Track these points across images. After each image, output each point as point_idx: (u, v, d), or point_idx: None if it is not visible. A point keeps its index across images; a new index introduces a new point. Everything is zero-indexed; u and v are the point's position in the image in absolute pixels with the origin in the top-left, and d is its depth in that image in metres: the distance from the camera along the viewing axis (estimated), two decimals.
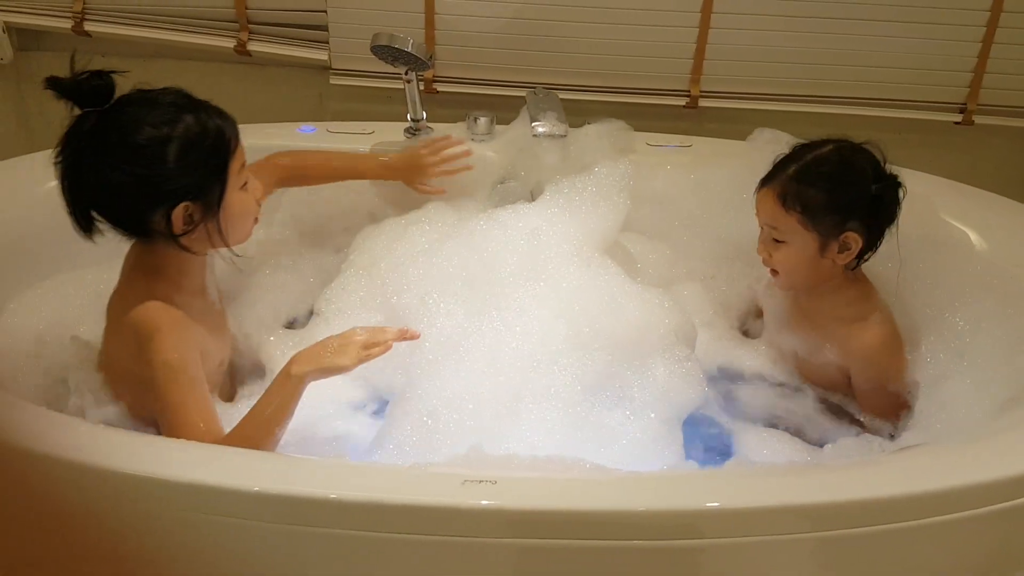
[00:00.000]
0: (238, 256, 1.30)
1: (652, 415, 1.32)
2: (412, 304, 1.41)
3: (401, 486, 1.03)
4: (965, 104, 1.97)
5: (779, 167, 1.42)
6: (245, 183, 1.28)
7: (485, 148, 1.78)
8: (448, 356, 1.34)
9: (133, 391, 1.24)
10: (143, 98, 1.21)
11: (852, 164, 1.39)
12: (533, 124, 1.67)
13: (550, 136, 1.66)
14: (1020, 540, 1.15)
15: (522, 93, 1.78)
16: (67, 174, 1.19)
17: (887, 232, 1.40)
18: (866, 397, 1.43)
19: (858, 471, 1.16)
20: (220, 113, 1.24)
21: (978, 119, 1.98)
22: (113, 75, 1.19)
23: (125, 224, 1.22)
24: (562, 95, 1.76)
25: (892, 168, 1.39)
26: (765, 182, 1.43)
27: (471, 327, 1.37)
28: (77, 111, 1.18)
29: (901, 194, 1.39)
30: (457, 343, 1.35)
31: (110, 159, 1.17)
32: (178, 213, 1.20)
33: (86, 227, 1.21)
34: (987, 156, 2.05)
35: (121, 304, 1.25)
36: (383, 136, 1.78)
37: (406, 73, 1.68)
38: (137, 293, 1.23)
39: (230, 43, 1.99)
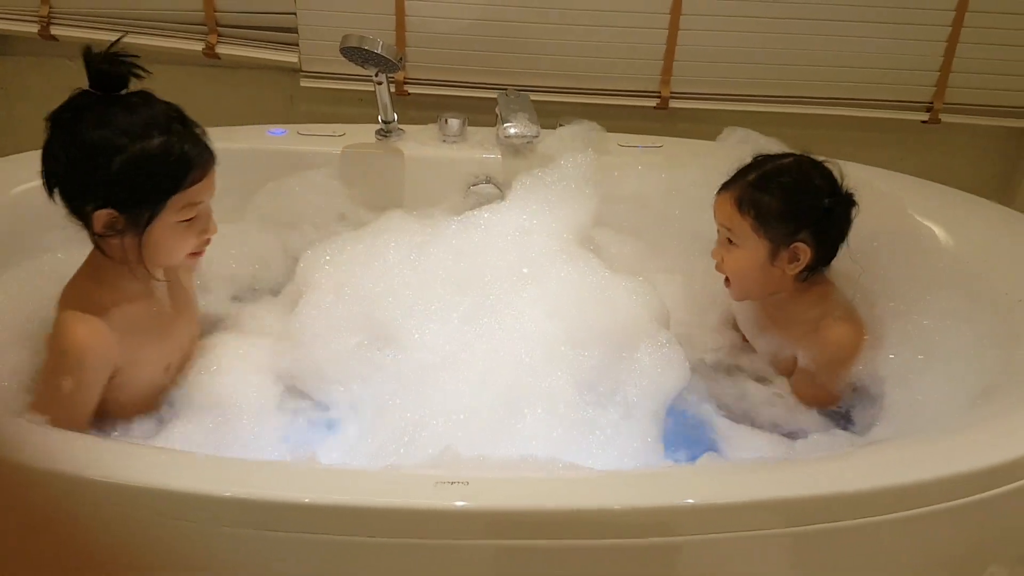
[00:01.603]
0: (158, 280, 1.31)
1: (640, 403, 1.34)
2: (397, 316, 1.41)
3: (373, 488, 1.02)
4: (932, 103, 1.99)
5: (740, 173, 1.46)
6: (192, 219, 1.27)
7: (457, 150, 1.78)
8: (438, 363, 1.34)
9: None
10: (133, 102, 1.22)
11: (808, 176, 1.42)
12: (505, 126, 1.68)
13: (522, 138, 1.67)
14: (993, 533, 1.17)
15: (494, 95, 1.79)
16: (47, 139, 1.22)
17: (840, 248, 1.44)
18: (808, 384, 1.46)
19: (829, 465, 1.15)
20: (197, 145, 1.25)
21: (945, 117, 1.99)
22: (136, 71, 1.21)
23: (65, 203, 1.24)
24: (533, 97, 1.77)
25: (849, 186, 1.42)
26: (725, 186, 1.46)
27: (461, 333, 1.38)
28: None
29: (854, 213, 1.43)
30: (447, 350, 1.35)
31: (71, 141, 1.19)
32: (101, 215, 1.21)
33: (49, 191, 1.23)
34: (954, 154, 2.07)
35: (63, 298, 1.27)
36: (354, 138, 1.78)
37: (376, 75, 1.68)
38: (73, 291, 1.27)
39: (199, 46, 1.97)
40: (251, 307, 1.55)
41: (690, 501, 1.03)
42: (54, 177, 1.22)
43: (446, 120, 1.79)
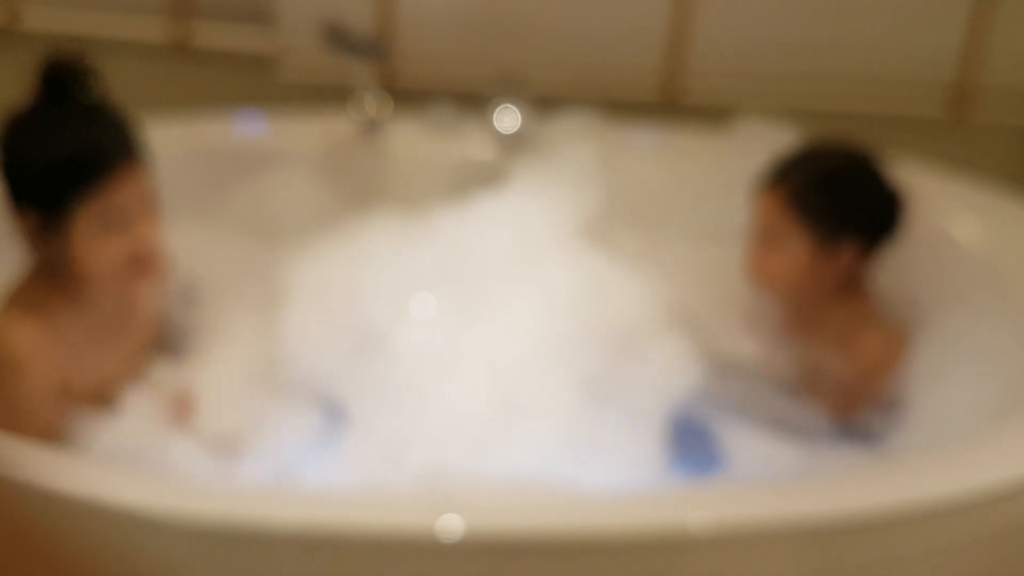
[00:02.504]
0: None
1: (644, 407, 1.28)
2: (388, 317, 1.35)
3: (350, 511, 0.97)
4: (956, 99, 1.90)
5: (787, 168, 1.39)
6: (110, 225, 1.22)
7: (449, 142, 1.72)
8: (431, 366, 1.28)
9: None
10: (72, 104, 1.23)
11: (865, 177, 1.37)
12: (499, 116, 1.64)
13: (517, 128, 1.63)
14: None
15: (487, 85, 1.72)
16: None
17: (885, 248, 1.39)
18: (834, 391, 1.39)
19: (852, 479, 1.11)
20: (107, 142, 1.22)
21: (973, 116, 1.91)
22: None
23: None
24: (531, 87, 1.71)
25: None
26: (770, 180, 1.39)
27: (456, 333, 1.32)
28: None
29: (903, 214, 1.37)
30: (440, 351, 1.30)
31: (4, 144, 1.21)
32: (26, 216, 1.21)
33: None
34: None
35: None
36: (337, 132, 1.72)
37: (361, 65, 1.62)
38: (21, 289, 1.26)
39: (170, 36, 1.92)
40: (230, 313, 1.47)
41: (700, 521, 0.97)
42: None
43: (437, 111, 1.73)
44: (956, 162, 1.68)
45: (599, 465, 1.21)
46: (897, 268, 1.45)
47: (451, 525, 0.93)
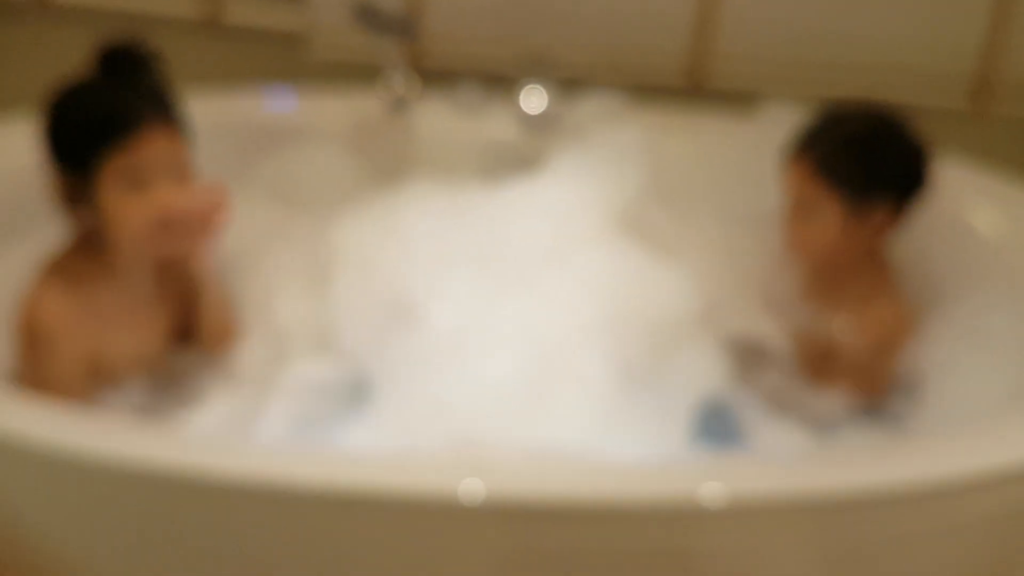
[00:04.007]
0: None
1: (672, 392, 1.30)
2: (425, 293, 1.37)
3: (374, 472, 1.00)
4: (977, 91, 1.89)
5: (811, 136, 1.39)
6: (138, 187, 1.24)
7: (476, 121, 1.73)
8: (468, 341, 1.31)
9: None
10: (107, 73, 1.26)
11: (889, 136, 1.37)
12: (525, 96, 1.64)
13: (543, 109, 1.64)
14: None
15: (514, 65, 1.72)
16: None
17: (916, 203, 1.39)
18: (849, 370, 1.39)
19: (863, 456, 1.16)
20: (137, 101, 1.25)
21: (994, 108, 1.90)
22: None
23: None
24: (558, 68, 1.70)
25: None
26: (796, 152, 1.39)
27: (492, 310, 1.33)
28: None
29: (930, 166, 1.37)
30: (477, 327, 1.32)
31: (48, 114, 1.25)
32: (60, 177, 1.24)
33: None
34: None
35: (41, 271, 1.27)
36: (367, 110, 1.73)
37: (390, 43, 1.63)
38: (55, 261, 1.27)
39: (201, 12, 1.92)
40: (268, 286, 1.49)
41: (714, 493, 0.98)
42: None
43: (465, 91, 1.72)
44: (976, 153, 1.68)
45: (626, 442, 1.22)
46: (916, 255, 1.46)
47: (473, 489, 0.95)
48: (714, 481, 0.99)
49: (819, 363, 1.41)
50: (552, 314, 1.33)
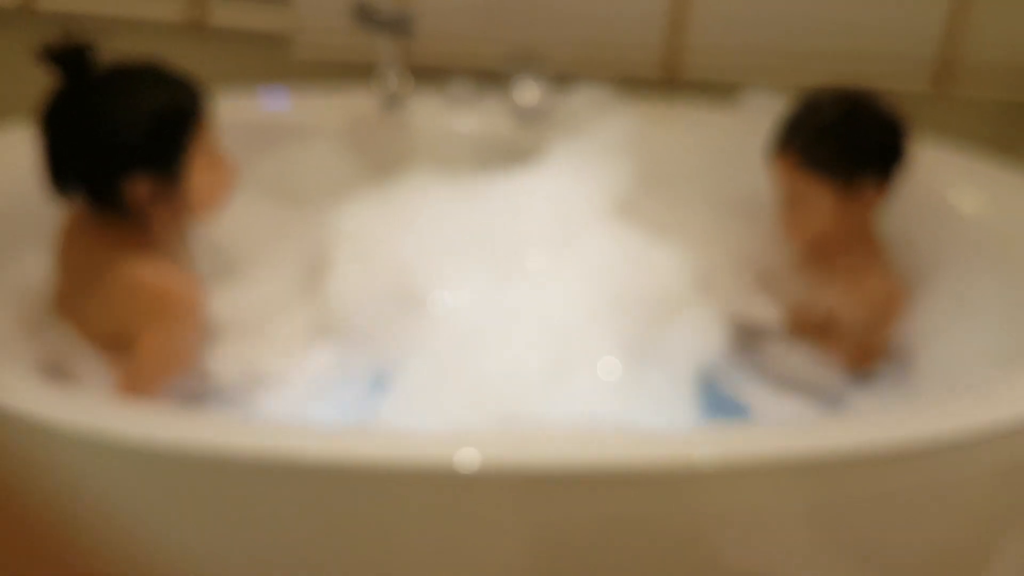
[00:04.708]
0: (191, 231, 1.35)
1: (677, 367, 1.34)
2: (432, 281, 1.40)
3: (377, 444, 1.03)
4: (940, 74, 1.96)
5: (791, 129, 1.44)
6: (214, 153, 1.30)
7: (469, 116, 1.76)
8: (478, 326, 1.33)
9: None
10: (117, 72, 1.25)
11: (864, 116, 1.43)
12: (518, 90, 1.68)
13: (535, 103, 1.67)
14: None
15: (506, 61, 1.76)
16: (46, 141, 1.23)
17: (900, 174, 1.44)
18: (846, 342, 1.45)
19: (848, 419, 1.22)
20: (187, 81, 1.29)
21: (955, 90, 1.97)
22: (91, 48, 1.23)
23: (99, 194, 1.25)
24: (546, 66, 1.74)
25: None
26: (779, 146, 1.44)
27: (499, 295, 1.37)
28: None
29: (907, 138, 1.43)
30: (486, 312, 1.35)
31: (82, 133, 1.21)
32: (139, 187, 1.23)
33: (62, 190, 1.26)
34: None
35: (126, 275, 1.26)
36: (359, 107, 1.75)
37: (387, 41, 1.66)
38: (131, 245, 1.27)
39: (186, 15, 1.92)
40: (274, 281, 1.51)
41: (709, 455, 1.02)
42: (72, 171, 1.24)
43: (455, 87, 1.76)
44: (941, 134, 1.72)
45: (638, 412, 1.27)
46: (899, 233, 1.52)
47: (469, 458, 0.99)
48: (705, 445, 1.04)
49: (814, 337, 1.46)
50: (560, 296, 1.37)
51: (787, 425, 1.30)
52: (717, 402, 1.39)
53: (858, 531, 1.11)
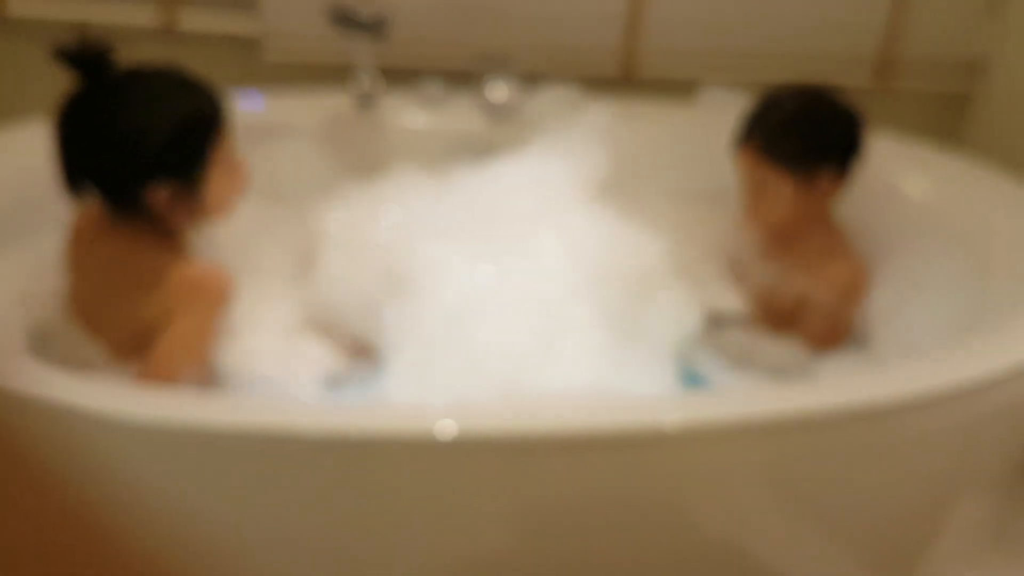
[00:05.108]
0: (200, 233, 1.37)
1: (656, 342, 1.40)
2: (420, 267, 1.43)
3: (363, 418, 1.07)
4: (881, 69, 2.05)
5: (752, 122, 1.52)
6: (230, 164, 1.32)
7: (440, 114, 1.82)
8: (468, 307, 1.37)
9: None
10: (138, 77, 1.25)
11: (821, 110, 1.50)
12: (489, 89, 1.73)
13: (505, 101, 1.73)
14: (969, 455, 1.25)
15: (477, 61, 1.82)
16: (63, 143, 1.22)
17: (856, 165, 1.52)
18: (814, 324, 1.52)
19: (810, 386, 1.27)
20: (208, 88, 1.29)
21: (896, 84, 2.06)
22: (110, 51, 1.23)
23: (118, 198, 1.26)
24: (513, 66, 1.80)
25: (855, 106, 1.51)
26: (742, 139, 1.52)
27: (486, 276, 1.41)
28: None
29: (863, 129, 1.50)
30: (475, 293, 1.38)
31: (101, 135, 1.21)
32: (159, 193, 1.24)
33: (76, 190, 1.24)
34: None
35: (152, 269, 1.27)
36: (333, 106, 1.79)
37: (364, 42, 1.70)
38: (155, 244, 1.29)
39: (157, 20, 1.94)
40: (262, 278, 1.52)
41: (671, 418, 1.08)
42: (90, 174, 1.23)
43: (427, 86, 1.82)
44: (884, 125, 1.80)
45: (622, 381, 1.32)
46: (855, 219, 1.60)
47: (447, 428, 1.03)
48: (675, 411, 1.10)
49: (781, 320, 1.54)
50: (544, 275, 1.42)
51: (746, 391, 1.37)
52: (692, 379, 1.46)
53: (814, 490, 1.18)
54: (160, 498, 1.08)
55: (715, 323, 1.53)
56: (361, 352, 1.42)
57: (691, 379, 1.46)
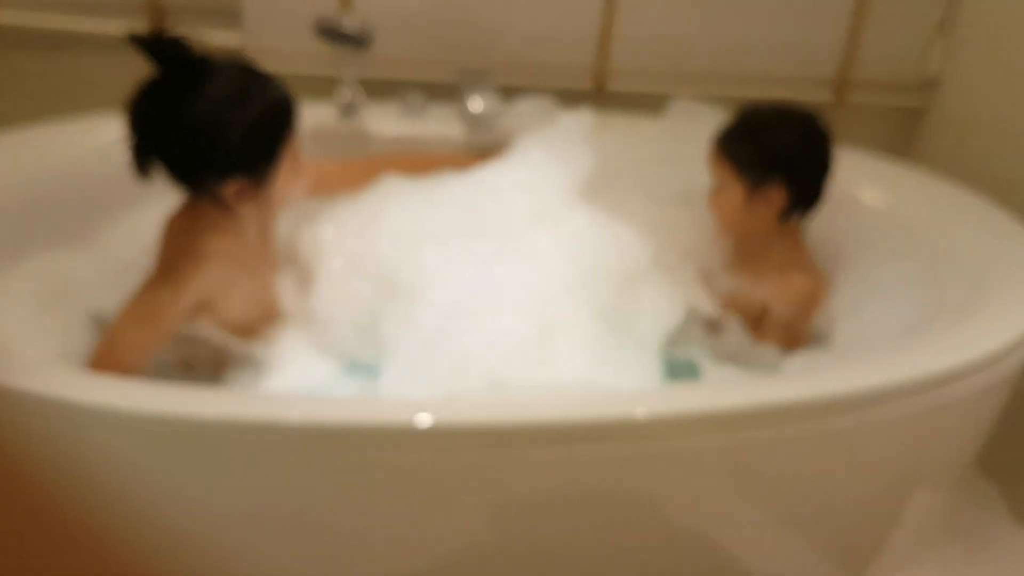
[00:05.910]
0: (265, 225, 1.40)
1: (643, 336, 1.45)
2: (415, 272, 1.47)
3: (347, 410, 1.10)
4: (839, 87, 2.12)
5: (726, 129, 1.59)
6: (297, 162, 1.37)
7: (422, 123, 1.86)
8: (464, 308, 1.41)
9: None
10: (220, 69, 1.27)
11: (782, 124, 1.56)
12: (469, 102, 1.78)
13: (483, 111, 1.78)
14: (924, 447, 1.31)
15: (458, 74, 1.87)
16: (137, 128, 1.24)
17: (820, 195, 1.57)
18: (774, 333, 1.58)
19: (771, 380, 1.31)
20: (280, 86, 1.32)
21: (852, 100, 2.13)
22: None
23: (186, 181, 1.30)
24: (491, 79, 1.86)
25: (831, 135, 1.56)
26: (714, 141, 1.59)
27: (481, 278, 1.45)
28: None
29: (830, 160, 1.55)
30: (470, 294, 1.43)
31: (178, 127, 1.23)
32: (231, 186, 1.29)
33: (144, 173, 1.26)
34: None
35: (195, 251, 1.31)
36: (316, 118, 1.80)
37: (350, 54, 1.75)
38: (205, 247, 1.32)
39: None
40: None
41: (638, 411, 1.12)
42: (166, 160, 1.26)
43: (408, 97, 1.86)
44: (843, 137, 1.91)
45: (611, 374, 1.37)
46: (816, 229, 1.67)
47: (425, 420, 1.07)
48: (641, 404, 1.14)
49: (749, 325, 1.60)
50: (535, 274, 1.47)
51: (709, 385, 1.42)
52: (680, 371, 1.51)
53: (770, 477, 1.23)
54: (148, 489, 1.11)
55: (695, 320, 1.58)
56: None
57: (679, 371, 1.50)
